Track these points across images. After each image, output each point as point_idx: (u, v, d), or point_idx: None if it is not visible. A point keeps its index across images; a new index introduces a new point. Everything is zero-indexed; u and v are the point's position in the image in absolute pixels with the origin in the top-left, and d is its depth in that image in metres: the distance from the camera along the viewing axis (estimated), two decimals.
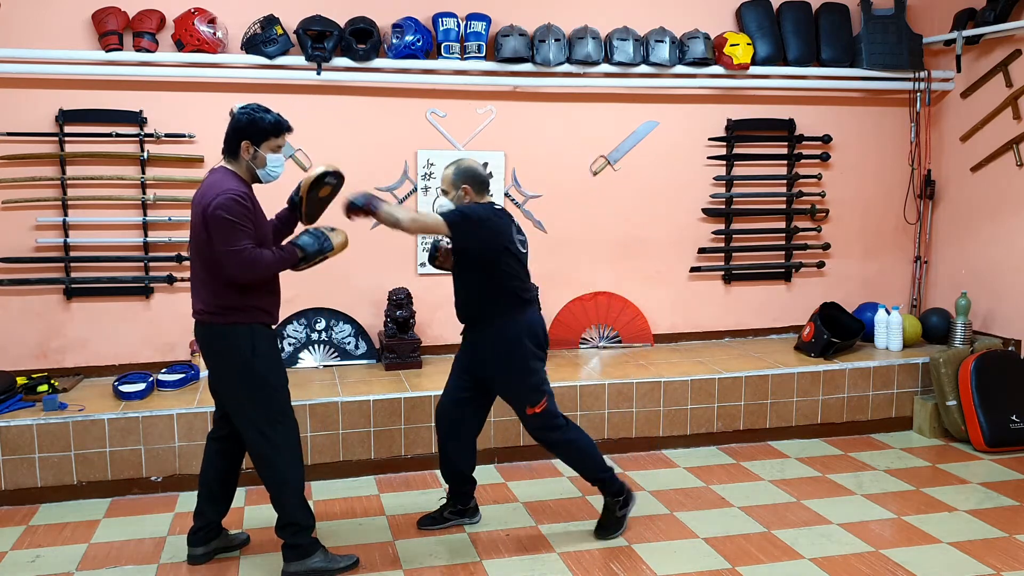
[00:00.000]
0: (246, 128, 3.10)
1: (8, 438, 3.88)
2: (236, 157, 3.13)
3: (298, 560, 3.21)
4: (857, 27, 5.35)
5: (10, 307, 4.54)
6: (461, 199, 3.41)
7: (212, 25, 4.46)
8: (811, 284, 5.61)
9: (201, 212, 3.02)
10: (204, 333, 3.18)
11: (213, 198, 2.99)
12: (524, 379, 3.42)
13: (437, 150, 4.97)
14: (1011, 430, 4.60)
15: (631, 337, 5.31)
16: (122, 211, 4.62)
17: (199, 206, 3.05)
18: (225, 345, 3.13)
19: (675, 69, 5.07)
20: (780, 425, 4.80)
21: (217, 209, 2.97)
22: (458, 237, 3.29)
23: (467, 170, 3.43)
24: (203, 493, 3.38)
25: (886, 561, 3.37)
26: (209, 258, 3.05)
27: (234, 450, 3.37)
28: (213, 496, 3.38)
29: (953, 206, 5.54)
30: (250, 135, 3.10)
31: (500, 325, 3.41)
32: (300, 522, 3.21)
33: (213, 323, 3.12)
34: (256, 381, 3.14)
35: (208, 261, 3.07)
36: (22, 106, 4.44)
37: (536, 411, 3.43)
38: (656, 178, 5.28)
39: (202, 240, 3.04)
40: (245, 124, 3.10)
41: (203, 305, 3.13)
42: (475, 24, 4.79)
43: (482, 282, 3.39)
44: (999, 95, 5.16)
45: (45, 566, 3.37)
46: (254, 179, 3.18)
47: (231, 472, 3.41)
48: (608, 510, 3.61)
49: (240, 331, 3.12)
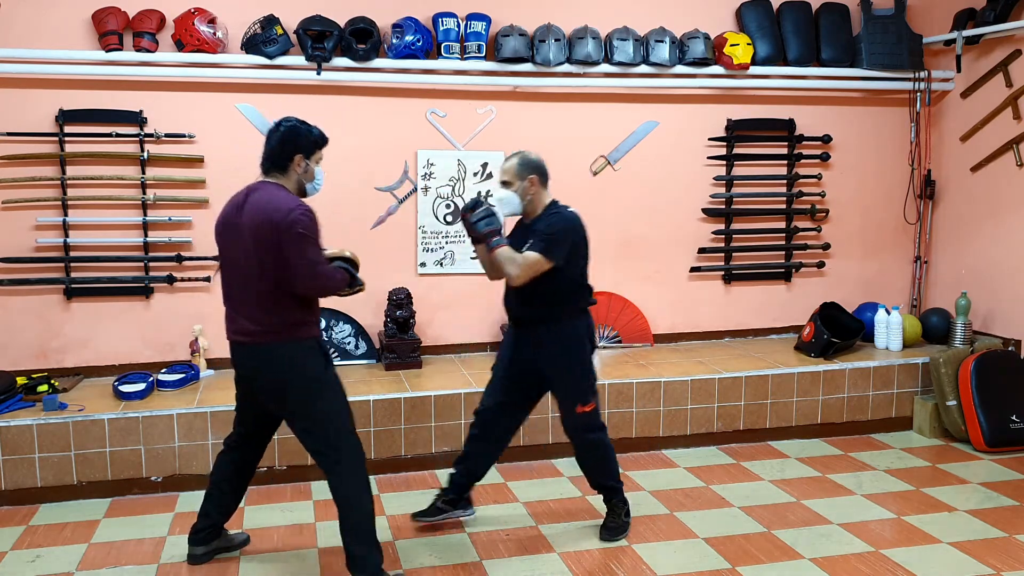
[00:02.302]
0: (299, 141, 3.04)
1: (8, 438, 3.88)
2: (285, 171, 3.05)
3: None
4: (857, 27, 5.35)
5: (10, 307, 4.54)
6: (527, 190, 3.43)
7: (212, 25, 4.46)
8: (811, 284, 5.61)
9: (272, 229, 2.90)
10: (259, 353, 3.05)
11: (287, 214, 2.90)
12: (585, 377, 3.49)
13: (437, 150, 4.97)
14: (1011, 430, 4.60)
15: (631, 337, 5.31)
16: (122, 211, 4.62)
17: (263, 224, 2.92)
18: (294, 363, 3.03)
19: (675, 69, 5.07)
20: (780, 425, 4.80)
21: (295, 225, 2.90)
22: (558, 258, 3.35)
23: (533, 161, 3.46)
24: (212, 494, 3.35)
25: (886, 561, 3.37)
26: (278, 275, 2.94)
27: (250, 457, 3.37)
28: (223, 499, 3.36)
29: (953, 206, 5.54)
30: (303, 148, 3.05)
31: (567, 323, 3.46)
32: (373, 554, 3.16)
33: (273, 342, 3.01)
34: (330, 394, 3.10)
35: (278, 278, 2.95)
36: (22, 106, 4.44)
37: (586, 410, 3.48)
38: (656, 178, 5.28)
39: (269, 258, 2.93)
40: (297, 137, 3.04)
41: (258, 325, 3.00)
42: (475, 24, 4.79)
43: (558, 281, 3.40)
44: (999, 95, 5.16)
45: (45, 566, 3.37)
46: (301, 193, 3.11)
47: (244, 478, 3.39)
48: (615, 512, 3.63)
49: (309, 345, 3.06)
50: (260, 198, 3.00)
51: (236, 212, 3.03)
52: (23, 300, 4.55)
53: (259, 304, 3.00)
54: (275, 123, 3.10)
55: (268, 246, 2.93)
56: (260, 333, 3.01)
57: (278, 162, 3.05)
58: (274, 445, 4.05)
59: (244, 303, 3.04)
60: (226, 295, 3.12)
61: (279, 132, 3.06)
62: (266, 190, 3.02)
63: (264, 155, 3.07)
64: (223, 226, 3.08)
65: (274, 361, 3.04)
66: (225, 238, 3.07)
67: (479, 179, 5.03)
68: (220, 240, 3.11)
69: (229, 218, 3.05)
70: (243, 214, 3.00)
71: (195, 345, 4.64)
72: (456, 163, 5.00)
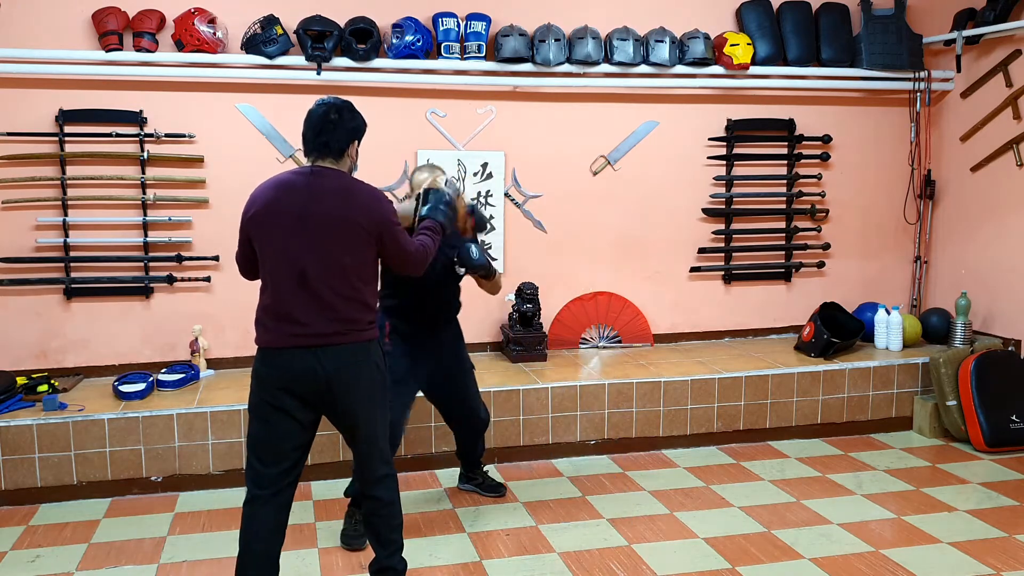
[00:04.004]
0: (358, 125, 2.86)
1: (8, 438, 3.88)
2: (341, 158, 2.82)
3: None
4: (857, 27, 5.35)
5: (10, 307, 4.54)
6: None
7: (212, 25, 4.46)
8: (811, 284, 5.61)
9: (370, 223, 2.73)
10: (341, 354, 2.74)
11: (377, 206, 2.77)
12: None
13: (437, 150, 4.97)
14: (1011, 430, 4.60)
15: (631, 337, 5.31)
16: (122, 211, 4.62)
17: (360, 216, 2.72)
18: (369, 363, 2.81)
19: (675, 69, 5.07)
20: (780, 425, 4.80)
21: (391, 215, 2.80)
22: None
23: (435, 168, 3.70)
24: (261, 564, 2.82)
25: (886, 561, 3.37)
26: (367, 271, 2.79)
27: (289, 501, 2.87)
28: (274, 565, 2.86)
29: (953, 206, 5.54)
30: (360, 133, 2.87)
31: (457, 323, 3.82)
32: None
33: (355, 341, 2.76)
34: (386, 397, 2.93)
35: (369, 275, 2.79)
36: (22, 106, 4.44)
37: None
38: (656, 178, 5.29)
39: (359, 249, 2.74)
40: (355, 120, 2.84)
41: (341, 326, 2.73)
42: (475, 24, 4.79)
43: (457, 288, 3.75)
44: (999, 95, 5.16)
45: (45, 566, 3.37)
46: None
47: (282, 535, 2.88)
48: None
49: (376, 345, 2.86)
50: (339, 186, 2.76)
51: (294, 199, 2.73)
52: (23, 300, 4.55)
53: (349, 302, 2.73)
54: (326, 104, 2.83)
55: (362, 237, 2.73)
56: (344, 332, 2.74)
57: (336, 146, 2.80)
58: None
59: (328, 304, 2.72)
60: (274, 292, 2.75)
61: (340, 114, 2.81)
62: (339, 178, 2.79)
63: (319, 138, 2.79)
64: (269, 214, 2.74)
65: (355, 362, 2.76)
66: (276, 227, 2.73)
67: (479, 179, 5.03)
68: (263, 230, 2.75)
69: (282, 206, 2.73)
70: (314, 202, 2.71)
71: (195, 345, 4.64)
72: (456, 163, 5.00)
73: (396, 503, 2.96)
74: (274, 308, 2.75)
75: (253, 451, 2.80)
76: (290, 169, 2.87)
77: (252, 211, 2.78)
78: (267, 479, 2.78)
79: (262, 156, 4.71)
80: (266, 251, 2.76)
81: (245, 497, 2.81)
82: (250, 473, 2.81)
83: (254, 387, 2.79)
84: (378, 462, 2.89)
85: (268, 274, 2.77)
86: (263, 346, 2.78)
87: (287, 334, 2.72)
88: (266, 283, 2.79)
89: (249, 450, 2.82)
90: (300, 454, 2.83)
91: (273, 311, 2.75)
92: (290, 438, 2.78)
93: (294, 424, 2.77)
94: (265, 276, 2.79)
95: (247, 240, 2.83)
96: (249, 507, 2.80)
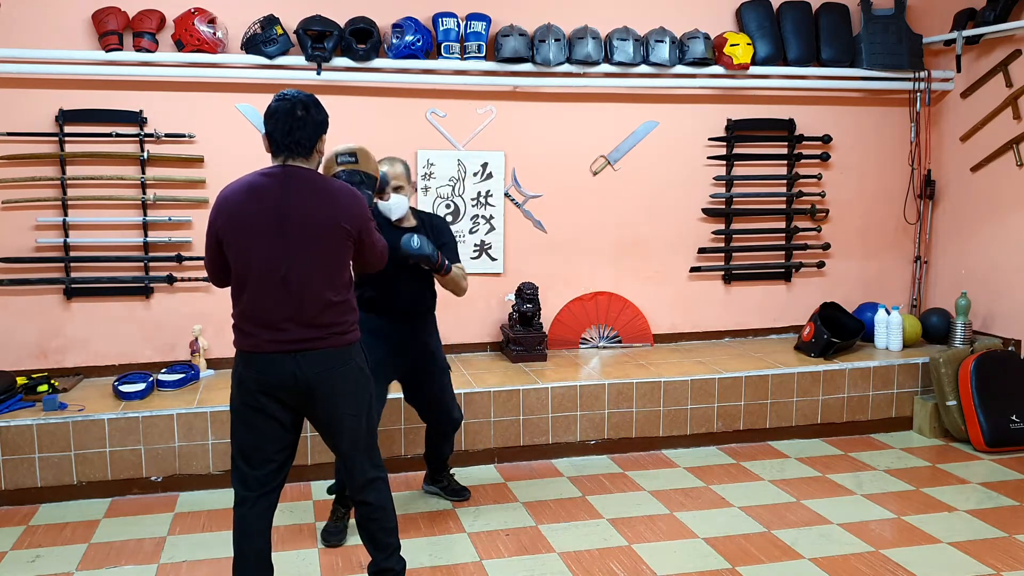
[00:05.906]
0: (326, 120, 2.75)
1: (8, 438, 3.88)
2: (310, 155, 2.70)
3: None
4: (857, 27, 5.35)
5: (10, 307, 4.54)
6: (411, 194, 3.61)
7: (212, 25, 4.46)
8: (811, 284, 5.61)
9: (353, 223, 2.67)
10: (322, 359, 2.67)
11: (358, 205, 2.71)
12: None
13: (437, 150, 4.97)
14: (1011, 430, 4.60)
15: (631, 337, 5.31)
16: (122, 211, 4.62)
17: (342, 216, 2.65)
18: (351, 366, 2.75)
19: (675, 69, 5.07)
20: (780, 425, 4.80)
21: (366, 211, 2.75)
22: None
23: (407, 165, 3.61)
24: (258, 565, 2.83)
25: (886, 561, 3.37)
26: (348, 272, 2.73)
27: (276, 502, 2.87)
28: (269, 565, 2.87)
29: (953, 206, 5.54)
30: (327, 128, 2.76)
31: (433, 321, 3.74)
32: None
33: (337, 345, 2.69)
34: (370, 400, 2.85)
35: (349, 275, 2.74)
36: (22, 106, 4.44)
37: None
38: (656, 178, 5.28)
39: (342, 249, 2.69)
40: (325, 116, 2.74)
41: (322, 330, 2.67)
42: (475, 24, 4.78)
43: (430, 278, 3.63)
44: (999, 95, 5.16)
45: (45, 566, 3.37)
46: None
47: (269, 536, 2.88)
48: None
49: (359, 347, 2.80)
50: (316, 186, 2.67)
51: (268, 202, 2.62)
52: (23, 300, 4.55)
53: (332, 306, 2.67)
54: (290, 99, 2.67)
55: (344, 238, 2.67)
56: (329, 336, 2.68)
57: (308, 144, 2.68)
58: None
59: (312, 307, 2.65)
60: (253, 298, 2.66)
61: (307, 110, 2.67)
62: (313, 177, 2.69)
63: (289, 137, 2.66)
64: (243, 218, 2.63)
65: (338, 366, 2.71)
66: (251, 232, 2.63)
67: (479, 179, 5.03)
68: (237, 236, 2.64)
69: (256, 209, 2.62)
70: (291, 205, 2.61)
71: (195, 345, 4.64)
72: (456, 163, 5.00)
73: (388, 506, 2.91)
74: (253, 313, 2.68)
75: (239, 454, 2.78)
76: (257, 170, 2.73)
77: (223, 216, 2.67)
78: (255, 481, 2.78)
79: (262, 156, 4.66)
80: (241, 257, 2.66)
81: (234, 500, 2.81)
82: (237, 475, 2.80)
83: (235, 390, 2.76)
84: (365, 465, 2.85)
85: (244, 279, 2.67)
86: (242, 350, 2.74)
87: (266, 339, 2.66)
88: (241, 288, 2.69)
89: (235, 453, 2.79)
90: (286, 455, 2.81)
91: (252, 317, 2.69)
92: (274, 440, 2.76)
93: (277, 427, 2.75)
94: (240, 282, 2.69)
95: (217, 245, 2.70)
96: (239, 509, 2.79)
